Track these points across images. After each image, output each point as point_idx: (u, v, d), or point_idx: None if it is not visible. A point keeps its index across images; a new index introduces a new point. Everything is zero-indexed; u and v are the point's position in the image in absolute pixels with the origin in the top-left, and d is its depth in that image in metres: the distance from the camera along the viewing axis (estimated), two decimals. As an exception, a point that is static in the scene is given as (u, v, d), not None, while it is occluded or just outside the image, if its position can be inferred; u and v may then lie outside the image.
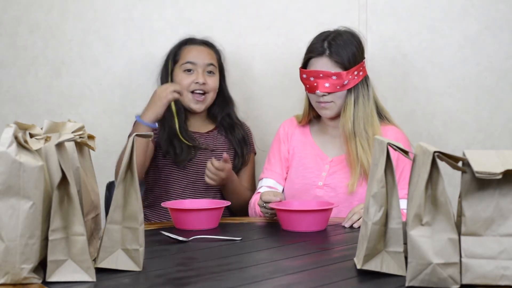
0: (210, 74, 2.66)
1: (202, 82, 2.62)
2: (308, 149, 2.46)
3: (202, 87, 2.63)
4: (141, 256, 1.62)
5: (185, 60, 2.64)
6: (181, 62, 2.65)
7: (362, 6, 2.85)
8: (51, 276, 1.53)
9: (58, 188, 1.51)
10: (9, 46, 2.91)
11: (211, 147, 2.68)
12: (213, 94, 2.67)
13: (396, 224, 1.56)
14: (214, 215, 2.14)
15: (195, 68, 2.63)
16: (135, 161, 1.60)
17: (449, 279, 1.46)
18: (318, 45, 2.36)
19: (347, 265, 1.68)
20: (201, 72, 2.63)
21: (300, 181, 2.42)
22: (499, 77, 2.80)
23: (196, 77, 2.62)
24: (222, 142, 2.72)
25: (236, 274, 1.61)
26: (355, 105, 2.34)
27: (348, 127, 2.34)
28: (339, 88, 2.32)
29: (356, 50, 2.36)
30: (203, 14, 2.93)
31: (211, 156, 2.61)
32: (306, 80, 2.36)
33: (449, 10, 2.81)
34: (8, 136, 1.49)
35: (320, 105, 2.37)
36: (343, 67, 2.32)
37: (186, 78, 2.63)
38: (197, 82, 2.62)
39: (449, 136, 2.84)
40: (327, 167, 2.41)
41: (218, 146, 2.70)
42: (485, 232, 1.47)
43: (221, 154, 2.57)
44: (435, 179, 1.47)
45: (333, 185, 2.37)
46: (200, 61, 2.64)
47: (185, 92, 2.61)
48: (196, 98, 2.63)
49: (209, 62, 2.66)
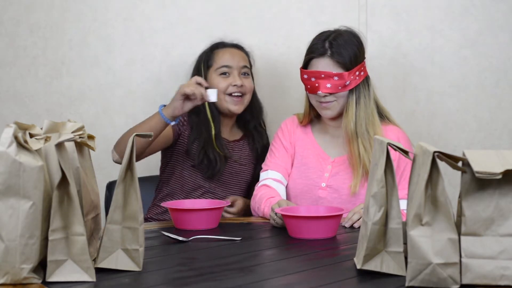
0: (245, 76, 2.64)
1: (240, 84, 2.60)
2: (310, 149, 2.45)
3: (240, 89, 2.60)
4: (141, 256, 1.62)
5: (220, 64, 2.62)
6: (215, 67, 2.62)
7: (362, 6, 2.84)
8: (51, 276, 1.53)
9: (58, 188, 1.51)
10: (9, 46, 2.91)
11: (239, 158, 2.66)
12: (249, 96, 2.65)
13: (396, 224, 1.56)
14: (214, 215, 2.14)
15: (231, 71, 2.61)
16: (134, 161, 1.60)
17: (449, 279, 1.46)
18: (319, 45, 2.34)
19: (347, 265, 1.68)
20: (237, 74, 2.61)
21: (302, 182, 2.41)
22: (499, 77, 2.80)
23: (233, 80, 2.60)
24: (248, 154, 2.70)
25: (236, 274, 1.61)
26: (357, 105, 2.33)
27: (350, 128, 2.32)
28: (340, 88, 2.31)
29: (357, 50, 2.35)
30: (203, 14, 2.92)
31: (235, 167, 2.62)
32: (307, 81, 2.34)
33: (449, 10, 2.81)
34: (8, 136, 1.49)
35: (322, 105, 2.36)
36: (344, 68, 2.31)
37: (222, 81, 2.60)
38: (235, 84, 2.59)
39: (449, 136, 2.83)
40: (329, 167, 2.40)
41: (244, 158, 2.69)
42: (485, 232, 1.47)
43: (245, 166, 2.64)
44: (435, 179, 1.47)
45: (335, 186, 2.36)
46: (235, 63, 2.62)
47: (222, 95, 2.58)
48: (235, 99, 2.60)
49: (243, 64, 2.65)
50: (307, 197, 2.38)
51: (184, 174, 2.59)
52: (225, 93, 2.59)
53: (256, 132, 2.71)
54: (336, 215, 1.99)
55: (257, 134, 2.71)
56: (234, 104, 2.61)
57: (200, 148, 2.56)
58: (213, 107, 2.60)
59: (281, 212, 2.03)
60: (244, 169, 2.65)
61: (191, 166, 2.59)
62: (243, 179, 2.65)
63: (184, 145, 2.59)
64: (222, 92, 2.58)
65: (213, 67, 2.63)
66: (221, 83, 2.59)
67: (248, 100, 2.65)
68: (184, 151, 2.59)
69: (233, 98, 2.60)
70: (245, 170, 2.66)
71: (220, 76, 2.61)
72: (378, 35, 2.84)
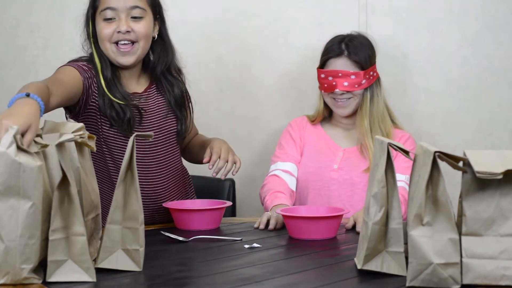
0: (136, 20, 2.19)
1: (125, 30, 2.17)
2: (320, 140, 2.52)
3: (127, 36, 2.18)
4: (141, 256, 1.62)
5: (104, 6, 2.18)
6: (100, 9, 2.20)
7: (362, 6, 2.84)
8: (51, 276, 1.53)
9: (59, 188, 1.52)
10: (9, 46, 2.91)
11: (152, 107, 2.28)
12: (144, 43, 2.21)
13: (396, 224, 1.56)
14: (216, 215, 2.14)
15: (117, 14, 2.18)
16: (135, 161, 1.60)
17: (449, 279, 1.46)
18: (336, 46, 2.46)
19: (347, 265, 1.68)
20: (124, 18, 2.18)
21: (314, 165, 2.47)
22: (499, 77, 2.80)
23: (118, 25, 2.17)
24: (164, 103, 2.31)
25: (236, 274, 1.61)
26: (371, 103, 2.45)
27: (364, 124, 2.44)
28: (357, 86, 2.42)
29: (371, 52, 2.49)
30: (203, 14, 2.92)
31: (153, 120, 2.26)
32: (325, 80, 2.44)
33: (449, 10, 2.81)
34: (8, 137, 1.49)
35: (338, 104, 2.46)
36: (360, 67, 2.43)
37: (106, 27, 2.18)
38: (119, 31, 2.17)
39: (449, 136, 2.83)
40: (340, 154, 2.48)
41: (161, 107, 2.30)
42: (485, 232, 1.47)
43: (165, 118, 2.28)
44: (435, 179, 1.47)
45: (347, 168, 2.44)
46: (120, 4, 2.17)
47: (108, 45, 2.19)
48: (122, 49, 2.19)
49: (132, 4, 2.19)
50: (318, 179, 2.45)
51: (105, 135, 2.21)
52: (111, 42, 2.19)
53: (165, 79, 2.31)
54: (336, 215, 1.99)
55: (165, 81, 2.31)
56: (122, 55, 2.19)
57: (107, 102, 2.18)
58: (105, 58, 2.21)
59: (281, 213, 2.04)
60: (166, 121, 2.29)
61: (110, 127, 2.21)
62: (170, 133, 2.31)
63: (96, 105, 2.20)
64: (107, 41, 2.19)
65: (98, 9, 2.21)
66: (104, 30, 2.19)
67: (143, 48, 2.22)
68: (98, 111, 2.20)
69: (120, 48, 2.19)
70: (168, 121, 2.30)
71: (105, 22, 2.19)
72: (378, 35, 2.83)
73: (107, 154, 2.22)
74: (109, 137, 2.21)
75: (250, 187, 2.90)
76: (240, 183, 2.83)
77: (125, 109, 2.19)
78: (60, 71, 2.15)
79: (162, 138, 2.28)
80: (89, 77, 2.17)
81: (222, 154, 2.25)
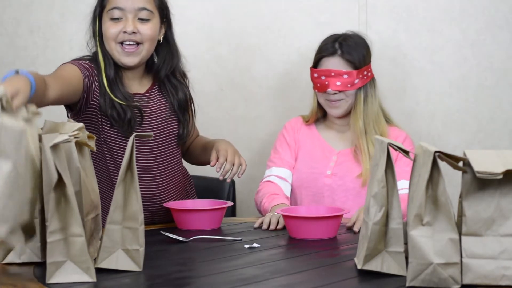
0: (143, 21, 2.20)
1: (131, 30, 2.17)
2: (315, 143, 2.50)
3: (133, 37, 2.18)
4: (141, 256, 1.61)
5: (112, 5, 2.19)
6: (107, 8, 2.20)
7: (362, 6, 2.84)
8: (51, 278, 1.52)
9: (55, 189, 1.51)
10: (9, 46, 2.91)
11: (153, 108, 2.28)
12: (148, 45, 2.21)
13: (396, 224, 1.56)
14: (217, 215, 2.14)
15: (124, 14, 2.18)
16: (134, 161, 1.60)
17: (449, 279, 1.46)
18: (329, 46, 2.43)
19: (347, 265, 1.68)
20: (131, 19, 2.18)
21: (308, 170, 2.45)
22: (499, 77, 2.80)
23: (125, 25, 2.18)
24: (166, 105, 2.31)
25: (236, 274, 1.61)
26: (365, 103, 2.42)
27: (358, 125, 2.40)
28: (349, 86, 2.39)
29: (365, 51, 2.45)
30: (203, 14, 2.92)
31: (154, 122, 2.27)
32: (317, 79, 2.41)
33: (449, 10, 2.81)
34: None
35: (330, 104, 2.43)
36: (353, 67, 2.40)
37: (112, 27, 2.19)
38: (125, 31, 2.18)
39: (449, 136, 2.83)
40: (334, 158, 2.45)
41: (163, 109, 2.30)
42: (485, 232, 1.47)
43: (168, 120, 2.28)
44: (435, 179, 1.47)
45: (341, 174, 2.41)
46: (128, 4, 2.18)
47: (113, 44, 2.19)
48: (126, 50, 2.19)
49: (141, 6, 2.19)
50: (312, 185, 2.43)
51: (106, 135, 2.22)
52: (116, 42, 2.19)
53: (169, 82, 2.31)
54: (336, 215, 1.99)
55: (170, 85, 2.31)
56: (126, 56, 2.20)
57: (108, 103, 2.18)
58: (109, 57, 2.22)
59: (281, 213, 2.03)
60: (167, 124, 2.29)
61: (111, 127, 2.21)
62: (171, 135, 2.30)
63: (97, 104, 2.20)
64: (112, 40, 2.19)
65: (106, 8, 2.21)
66: (110, 29, 2.19)
67: (147, 50, 2.22)
68: (99, 111, 2.20)
69: (125, 48, 2.19)
70: (170, 124, 2.30)
71: (111, 21, 2.20)
72: (378, 35, 2.83)
73: (107, 154, 2.22)
74: (109, 137, 2.21)
75: (250, 187, 2.90)
76: (240, 183, 2.83)
77: (126, 109, 2.19)
78: (61, 68, 2.17)
79: (162, 140, 2.28)
80: (90, 75, 2.18)
81: (229, 157, 2.26)
